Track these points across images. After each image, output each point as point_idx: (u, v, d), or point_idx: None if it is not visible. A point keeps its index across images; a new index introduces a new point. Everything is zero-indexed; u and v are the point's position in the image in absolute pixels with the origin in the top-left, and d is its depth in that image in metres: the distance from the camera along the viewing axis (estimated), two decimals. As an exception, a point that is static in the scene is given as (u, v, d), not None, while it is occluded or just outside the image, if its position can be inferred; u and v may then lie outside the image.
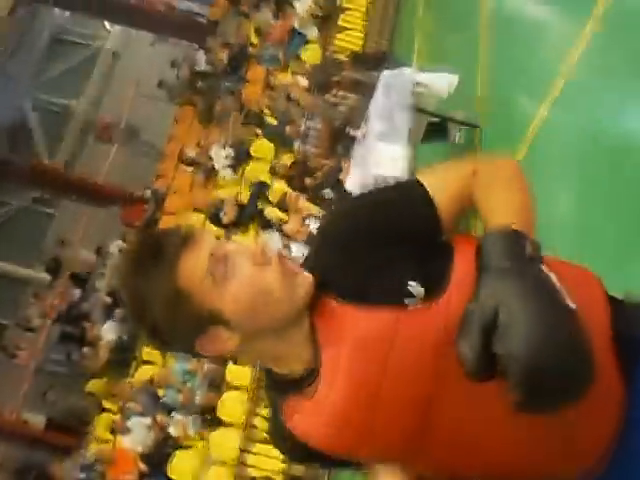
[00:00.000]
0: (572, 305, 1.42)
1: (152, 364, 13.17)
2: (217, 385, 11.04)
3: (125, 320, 13.77)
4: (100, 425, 13.17)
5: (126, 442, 11.88)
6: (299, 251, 9.99)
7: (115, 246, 15.38)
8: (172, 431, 11.10)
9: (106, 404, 13.30)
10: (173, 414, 11.19)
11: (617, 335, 1.63)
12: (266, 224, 12.00)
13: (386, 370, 1.59)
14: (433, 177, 1.71)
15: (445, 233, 1.69)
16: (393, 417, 1.63)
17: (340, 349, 1.62)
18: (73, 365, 14.54)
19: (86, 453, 12.74)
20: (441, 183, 1.69)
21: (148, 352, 13.31)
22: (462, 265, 1.62)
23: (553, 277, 1.46)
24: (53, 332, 15.16)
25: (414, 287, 1.60)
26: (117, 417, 12.51)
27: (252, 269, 1.62)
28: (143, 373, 13.00)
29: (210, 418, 10.81)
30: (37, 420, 14.29)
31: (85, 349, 14.19)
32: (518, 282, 1.43)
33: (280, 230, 11.13)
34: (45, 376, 14.59)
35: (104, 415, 13.24)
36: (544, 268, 1.47)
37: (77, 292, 15.46)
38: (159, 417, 11.31)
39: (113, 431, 12.36)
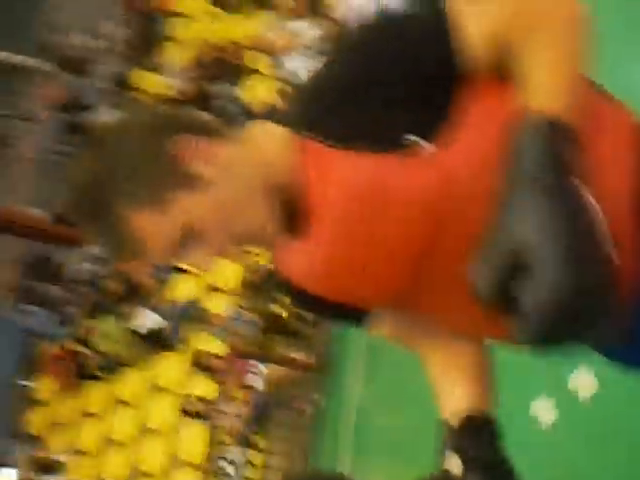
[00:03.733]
0: (612, 255, 1.28)
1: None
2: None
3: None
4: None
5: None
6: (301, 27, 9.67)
7: (110, 28, 14.94)
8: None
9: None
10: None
11: None
12: (261, 3, 11.68)
13: (373, 237, 1.47)
14: (466, 8, 1.39)
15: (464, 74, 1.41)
16: (379, 269, 1.52)
17: (327, 191, 1.48)
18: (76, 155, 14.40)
19: (95, 246, 12.85)
20: (473, 16, 1.38)
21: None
22: (475, 109, 1.40)
23: (588, 198, 1.28)
24: (53, 122, 14.95)
25: (410, 140, 1.39)
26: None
27: None
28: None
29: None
30: (43, 213, 14.30)
31: (87, 137, 14.02)
32: (553, 213, 1.24)
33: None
34: (49, 167, 14.46)
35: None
36: (578, 183, 1.28)
37: (74, 79, 15.16)
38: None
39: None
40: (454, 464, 1.56)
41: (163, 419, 11.10)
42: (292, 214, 1.53)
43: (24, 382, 13.97)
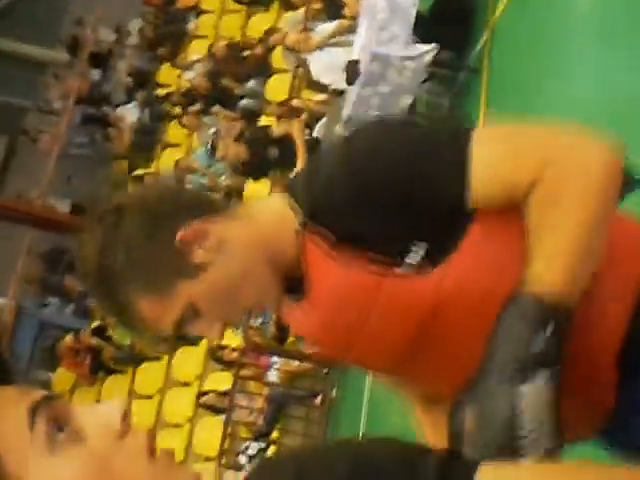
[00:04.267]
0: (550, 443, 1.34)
1: (176, 147, 13.12)
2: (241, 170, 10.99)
3: (147, 103, 13.60)
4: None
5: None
6: (323, 29, 9.65)
7: (134, 24, 14.98)
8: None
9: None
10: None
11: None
12: (288, 4, 11.65)
13: (363, 329, 1.55)
14: (485, 162, 1.43)
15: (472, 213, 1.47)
16: (367, 357, 1.64)
17: (322, 288, 1.56)
18: (97, 148, 14.49)
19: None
20: (493, 177, 1.43)
21: (173, 134, 13.24)
22: (475, 236, 1.48)
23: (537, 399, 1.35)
24: (75, 115, 15.00)
25: (417, 250, 1.48)
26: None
27: None
28: (168, 157, 12.95)
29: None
30: (63, 205, 14.36)
31: (108, 131, 14.10)
32: (498, 417, 1.35)
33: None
34: (69, 160, 14.54)
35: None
36: (537, 385, 1.35)
37: (97, 73, 15.20)
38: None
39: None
40: None
41: (180, 412, 11.15)
42: (295, 276, 1.58)
43: (42, 374, 14.04)
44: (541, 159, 1.40)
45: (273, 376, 10.03)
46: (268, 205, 1.60)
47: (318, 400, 9.61)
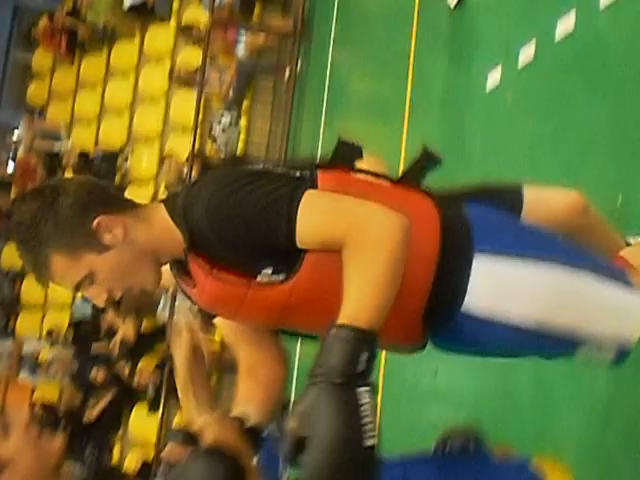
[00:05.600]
0: (370, 441, 1.64)
1: None
2: None
3: None
4: None
5: None
6: None
7: None
8: None
9: None
10: None
11: (433, 297, 2.05)
12: None
13: (236, 319, 2.18)
14: (311, 220, 1.91)
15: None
16: (252, 318, 2.17)
17: (203, 292, 2.09)
18: None
19: None
20: (315, 232, 1.91)
21: None
22: (313, 256, 1.97)
23: (367, 404, 1.67)
24: None
25: (266, 273, 1.99)
26: None
27: None
28: None
29: None
30: None
31: None
32: (332, 416, 1.64)
33: None
34: None
35: None
36: (365, 392, 1.68)
37: None
38: None
39: None
40: None
41: (156, 87, 11.60)
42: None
43: (21, 55, 14.26)
44: (350, 226, 1.86)
45: (241, 51, 10.31)
46: (163, 218, 2.05)
47: (287, 72, 9.99)
